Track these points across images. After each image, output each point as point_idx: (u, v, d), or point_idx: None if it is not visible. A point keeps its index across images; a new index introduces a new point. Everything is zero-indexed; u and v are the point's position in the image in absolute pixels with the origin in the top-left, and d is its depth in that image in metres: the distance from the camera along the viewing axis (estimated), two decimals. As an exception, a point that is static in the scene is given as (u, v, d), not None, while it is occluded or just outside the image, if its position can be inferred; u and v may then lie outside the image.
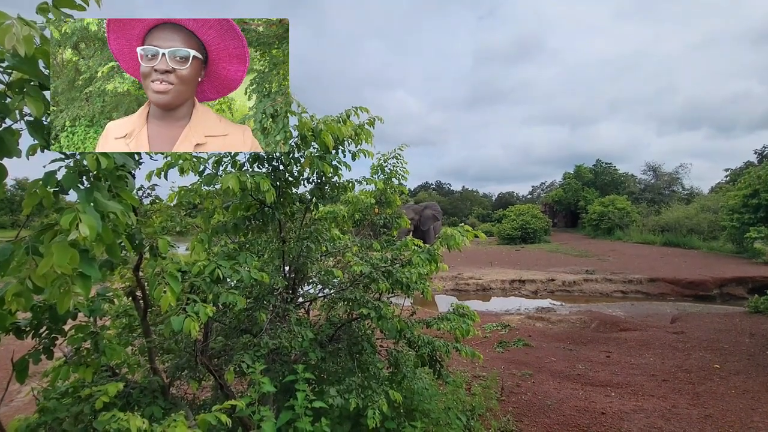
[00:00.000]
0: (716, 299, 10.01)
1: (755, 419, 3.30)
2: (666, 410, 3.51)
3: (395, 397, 2.34)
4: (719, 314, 7.32)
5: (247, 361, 1.82)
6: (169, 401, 1.76)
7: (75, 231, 0.82)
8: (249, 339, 1.97)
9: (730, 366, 4.54)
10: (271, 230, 2.45)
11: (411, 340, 2.74)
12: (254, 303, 2.28)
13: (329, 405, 2.10)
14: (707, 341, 5.49)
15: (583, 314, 7.59)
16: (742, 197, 13.78)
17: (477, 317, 2.88)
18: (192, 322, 1.34)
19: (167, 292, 1.23)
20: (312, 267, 2.52)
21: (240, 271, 1.66)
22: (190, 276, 1.57)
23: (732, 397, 3.74)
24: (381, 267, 2.58)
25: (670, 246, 17.64)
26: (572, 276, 11.54)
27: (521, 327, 6.72)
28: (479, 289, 10.98)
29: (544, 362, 4.93)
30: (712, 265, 12.40)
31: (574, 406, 3.65)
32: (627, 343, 5.62)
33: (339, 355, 2.63)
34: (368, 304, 2.42)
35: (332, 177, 2.65)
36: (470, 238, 2.61)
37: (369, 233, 4.05)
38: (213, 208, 2.07)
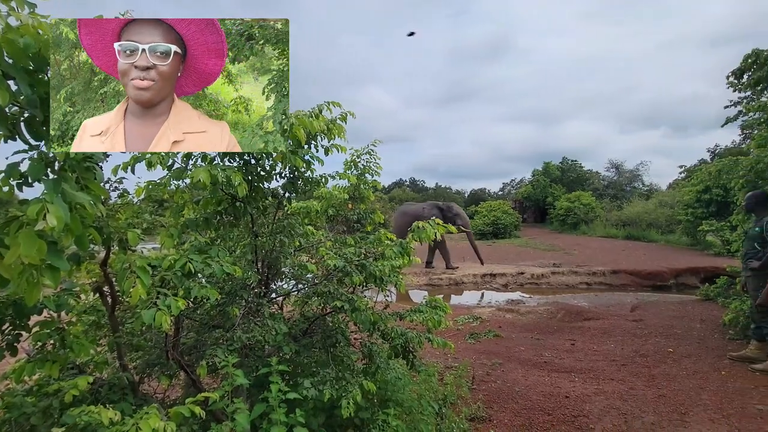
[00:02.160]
0: (672, 289, 10.64)
1: (703, 397, 3.56)
2: (624, 392, 3.73)
3: (369, 387, 2.38)
4: (674, 302, 7.78)
5: (219, 356, 1.82)
6: (140, 398, 1.74)
7: (42, 221, 0.82)
8: (221, 334, 1.97)
9: (682, 350, 4.86)
10: (243, 225, 2.44)
11: (385, 332, 2.80)
12: (226, 298, 2.27)
13: (303, 397, 2.12)
14: (663, 327, 5.84)
15: (550, 305, 7.88)
16: (696, 193, 14.64)
17: (449, 309, 2.96)
18: (163, 315, 1.33)
19: (137, 285, 1.22)
20: (285, 262, 2.53)
21: (212, 265, 1.65)
22: (161, 270, 1.55)
23: (683, 378, 4.01)
24: (354, 261, 2.62)
25: (631, 239, 18.53)
26: (540, 269, 11.95)
27: (492, 319, 6.92)
28: (452, 283, 11.19)
29: (513, 351, 5.10)
30: (668, 256, 13.14)
31: (541, 391, 3.81)
32: (590, 332, 5.90)
33: (313, 348, 2.65)
34: (342, 297, 2.46)
35: (305, 172, 2.66)
36: (441, 232, 2.68)
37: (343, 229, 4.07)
38: (182, 202, 2.05)
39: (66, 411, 1.21)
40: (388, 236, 2.95)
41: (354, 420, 2.54)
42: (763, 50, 4.27)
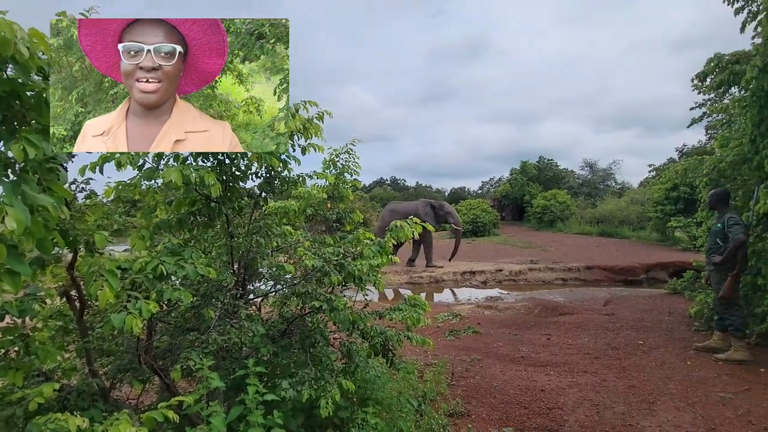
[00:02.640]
0: (643, 283, 11.03)
1: (670, 386, 3.72)
2: (597, 384, 3.85)
3: (348, 386, 2.39)
4: (645, 296, 8.08)
5: (194, 359, 1.79)
6: (111, 404, 1.69)
7: (1, 224, 0.79)
8: (196, 336, 1.94)
9: (652, 341, 5.06)
10: (219, 226, 2.41)
11: (364, 331, 2.81)
12: (201, 300, 2.23)
13: (282, 398, 2.11)
14: (633, 321, 6.06)
15: (527, 301, 8.06)
16: (664, 191, 15.22)
17: (428, 307, 2.99)
18: (134, 319, 1.30)
19: (105, 288, 1.19)
20: (262, 262, 2.51)
21: (185, 267, 1.63)
22: (131, 273, 1.52)
23: (652, 369, 4.17)
24: (333, 260, 2.62)
25: (604, 236, 19.10)
26: (518, 266, 12.19)
27: (471, 315, 7.02)
28: (432, 281, 11.29)
29: (491, 347, 5.20)
30: (640, 252, 13.60)
31: (518, 385, 3.90)
32: (565, 326, 6.06)
33: (291, 349, 2.64)
34: (320, 297, 2.45)
35: (282, 171, 2.64)
36: (418, 230, 2.71)
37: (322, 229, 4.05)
38: (154, 203, 2.00)
39: (31, 420, 1.17)
40: (366, 235, 2.96)
41: (333, 420, 2.54)
42: (724, 54, 4.48)
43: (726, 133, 5.81)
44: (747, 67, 3.96)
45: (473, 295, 9.94)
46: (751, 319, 4.70)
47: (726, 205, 4.43)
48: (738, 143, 5.00)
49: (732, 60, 4.43)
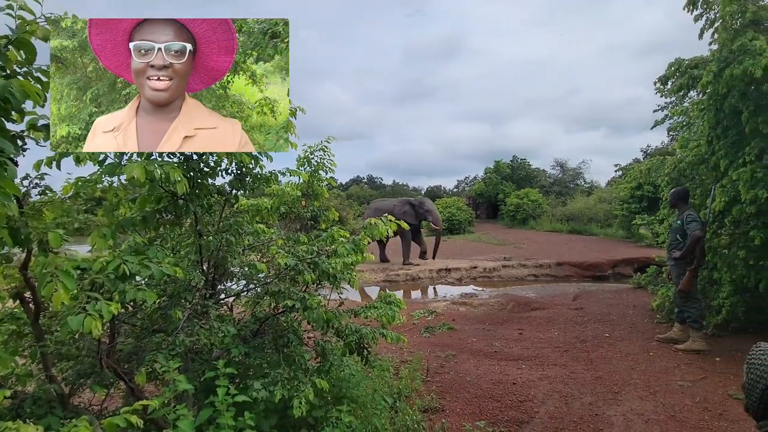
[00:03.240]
0: (610, 278, 11.46)
1: (634, 377, 3.89)
2: (566, 376, 3.98)
3: (322, 385, 2.37)
4: (611, 291, 8.40)
5: (160, 361, 1.73)
6: (71, 411, 1.61)
7: (-60, 221, 0.74)
8: (163, 338, 1.87)
9: (617, 334, 5.27)
10: (187, 224, 2.33)
11: (339, 330, 2.79)
12: (168, 301, 2.16)
13: (254, 399, 2.07)
14: (600, 314, 6.29)
15: (501, 297, 8.22)
16: (630, 189, 15.85)
17: (403, 304, 3.00)
18: (93, 321, 1.24)
19: (60, 290, 1.13)
20: (233, 261, 2.45)
21: (150, 267, 1.57)
22: (91, 273, 1.45)
23: (617, 360, 4.35)
24: (307, 259, 2.59)
25: (574, 233, 19.71)
26: (492, 263, 12.42)
27: (446, 312, 7.10)
28: (408, 279, 11.35)
29: (465, 343, 5.28)
30: (607, 249, 14.12)
31: (491, 379, 3.98)
32: (537, 321, 6.23)
33: (264, 349, 2.59)
34: (294, 296, 2.42)
35: (253, 168, 2.59)
36: (393, 228, 2.71)
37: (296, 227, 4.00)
38: (117, 200, 1.92)
39: None
40: (341, 233, 2.94)
41: (307, 419, 2.51)
42: (684, 59, 4.70)
43: (685, 135, 6.11)
44: (704, 72, 4.16)
45: (448, 292, 10.06)
46: (708, 312, 4.96)
47: (686, 203, 4.65)
48: (696, 144, 5.26)
49: (691, 65, 4.65)
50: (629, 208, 15.78)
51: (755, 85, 4.00)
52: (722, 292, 4.89)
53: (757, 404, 1.08)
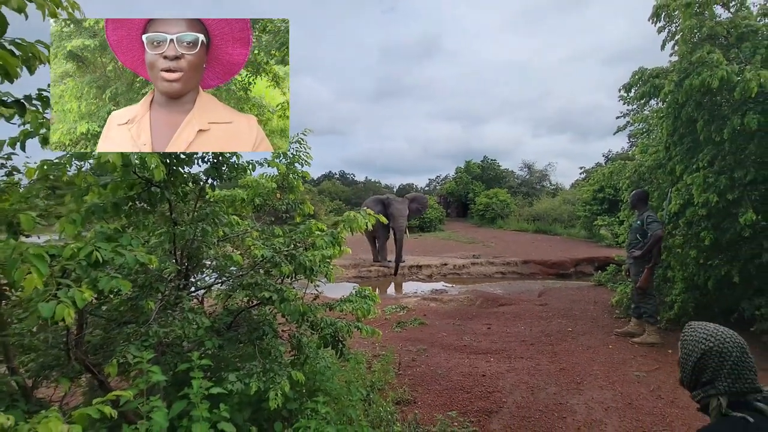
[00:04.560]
0: (572, 276, 11.96)
1: (595, 368, 4.09)
2: (531, 368, 4.14)
3: (297, 377, 2.36)
4: (574, 288, 8.78)
5: (132, 352, 1.68)
6: (34, 404, 1.53)
7: None
8: (134, 329, 1.81)
9: (579, 328, 5.52)
10: (159, 213, 2.26)
11: (314, 323, 2.78)
12: (139, 292, 2.09)
13: (229, 391, 2.04)
14: (564, 310, 6.57)
15: (470, 294, 8.41)
16: (592, 192, 16.58)
17: (378, 298, 3.02)
18: (66, 308, 1.19)
19: (33, 274, 1.07)
20: (208, 252, 2.39)
21: (124, 254, 1.51)
22: (61, 260, 1.38)
23: (580, 353, 4.56)
24: (284, 251, 2.56)
25: (539, 233, 20.41)
26: (462, 260, 12.68)
27: (417, 308, 7.20)
28: (380, 275, 11.40)
29: (436, 337, 5.38)
30: (570, 248, 14.72)
31: (461, 372, 4.08)
32: (504, 316, 6.43)
33: (239, 342, 2.55)
34: (270, 288, 2.39)
35: (230, 157, 2.54)
36: (372, 222, 2.73)
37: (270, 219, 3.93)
38: (86, 186, 1.83)
39: None
40: (319, 226, 2.92)
41: (281, 412, 2.50)
42: (647, 68, 4.96)
43: (645, 141, 6.47)
44: (666, 82, 4.42)
45: (419, 288, 10.19)
46: (662, 307, 5.29)
47: (645, 205, 4.93)
48: (655, 150, 5.59)
49: (653, 74, 4.92)
50: (591, 210, 16.51)
51: (710, 95, 4.29)
52: (675, 289, 5.23)
53: (690, 375, 1.20)
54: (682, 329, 1.28)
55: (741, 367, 1.11)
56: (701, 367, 1.16)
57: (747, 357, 1.12)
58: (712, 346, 1.14)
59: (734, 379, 1.10)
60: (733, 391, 1.10)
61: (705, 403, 1.16)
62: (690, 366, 1.19)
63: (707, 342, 1.16)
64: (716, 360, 1.13)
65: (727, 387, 1.10)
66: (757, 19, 4.28)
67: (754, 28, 4.08)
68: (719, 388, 1.11)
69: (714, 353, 1.13)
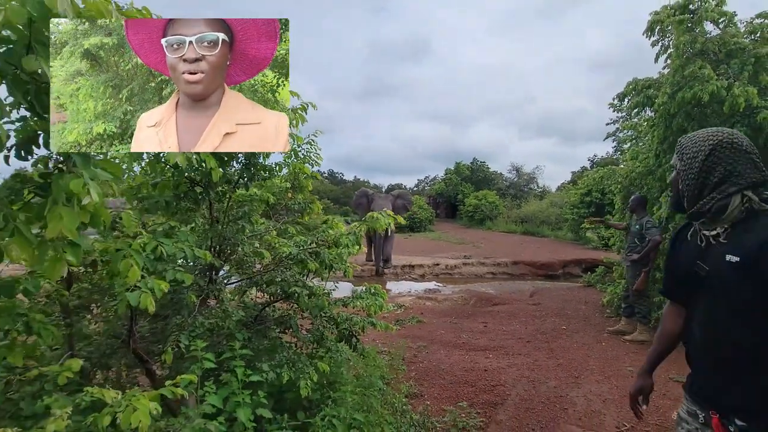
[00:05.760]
0: (560, 277, 12.31)
1: (590, 363, 4.32)
2: (530, 363, 4.34)
3: (323, 368, 2.49)
4: (564, 288, 9.08)
5: (184, 341, 1.79)
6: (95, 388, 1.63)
7: (87, 196, 0.81)
8: (182, 320, 1.92)
9: (573, 327, 5.77)
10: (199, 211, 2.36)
11: (331, 318, 2.92)
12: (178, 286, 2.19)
13: (265, 380, 2.16)
14: (556, 309, 6.82)
15: (463, 293, 8.63)
16: (580, 195, 17.04)
17: (386, 295, 3.17)
18: (148, 297, 1.31)
19: (134, 266, 1.19)
20: (243, 248, 2.50)
21: (184, 249, 1.63)
22: (131, 253, 1.49)
23: (575, 349, 4.79)
24: (308, 248, 2.69)
25: (527, 234, 20.85)
26: (453, 261, 12.91)
27: (414, 306, 7.38)
28: (374, 274, 11.54)
29: (435, 335, 5.55)
30: (558, 250, 15.11)
31: (463, 367, 4.26)
32: (499, 315, 6.64)
33: (265, 334, 2.67)
34: (299, 283, 2.51)
35: (259, 158, 2.65)
36: (392, 222, 2.88)
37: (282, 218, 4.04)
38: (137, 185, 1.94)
39: (49, 395, 1.13)
40: (339, 225, 3.06)
41: (302, 402, 2.63)
42: (641, 79, 5.23)
43: (635, 148, 6.76)
44: (660, 93, 4.68)
45: (413, 287, 10.37)
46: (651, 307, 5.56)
47: (644, 210, 5.10)
48: (645, 157, 5.86)
49: (645, 85, 5.19)
50: (578, 213, 16.94)
51: (700, 107, 4.56)
52: (662, 289, 5.49)
53: (696, 180, 1.09)
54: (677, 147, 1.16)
55: (755, 154, 1.02)
56: (711, 165, 1.05)
57: (754, 147, 1.04)
58: (722, 138, 1.05)
59: (752, 169, 1.01)
60: (754, 181, 1.00)
61: (721, 206, 1.03)
62: (696, 169, 1.07)
63: (715, 136, 1.06)
64: (729, 151, 1.03)
65: (749, 178, 1.00)
66: (744, 37, 4.57)
67: (742, 45, 4.36)
68: (741, 183, 1.00)
69: (725, 144, 1.04)
